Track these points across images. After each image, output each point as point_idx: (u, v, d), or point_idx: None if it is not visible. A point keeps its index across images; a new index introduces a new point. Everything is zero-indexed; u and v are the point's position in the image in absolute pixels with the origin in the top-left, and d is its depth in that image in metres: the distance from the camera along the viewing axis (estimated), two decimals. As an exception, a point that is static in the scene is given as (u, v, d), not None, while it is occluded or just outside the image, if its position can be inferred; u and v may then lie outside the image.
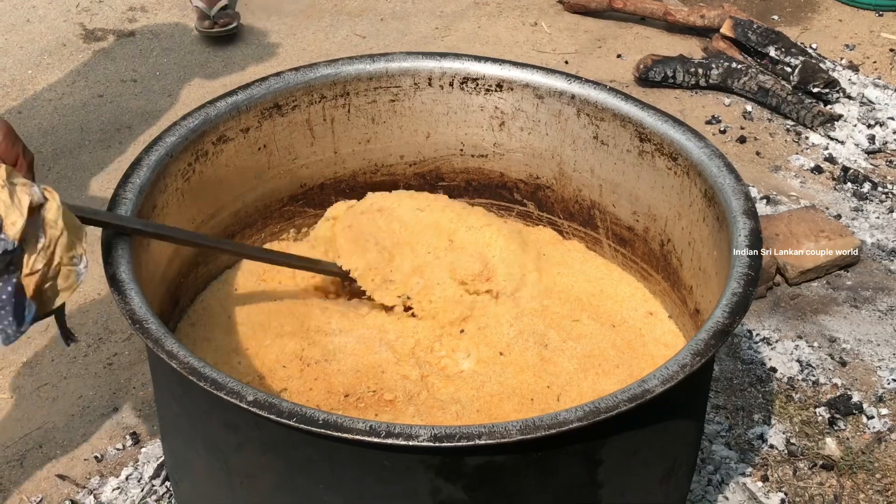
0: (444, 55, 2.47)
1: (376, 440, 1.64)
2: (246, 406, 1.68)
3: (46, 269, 1.76)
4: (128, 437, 2.85)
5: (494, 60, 2.47)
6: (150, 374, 2.11)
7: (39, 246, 1.75)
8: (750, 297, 1.85)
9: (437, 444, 1.63)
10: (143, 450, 2.81)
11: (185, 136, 2.20)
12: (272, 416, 1.66)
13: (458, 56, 2.47)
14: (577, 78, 2.40)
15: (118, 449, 2.83)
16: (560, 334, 2.24)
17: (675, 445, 1.94)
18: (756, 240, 1.96)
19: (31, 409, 2.94)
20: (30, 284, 1.74)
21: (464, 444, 1.64)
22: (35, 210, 1.74)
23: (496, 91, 2.45)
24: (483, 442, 1.64)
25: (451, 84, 2.46)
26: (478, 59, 2.47)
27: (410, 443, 1.64)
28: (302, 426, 1.65)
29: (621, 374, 2.16)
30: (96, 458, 2.80)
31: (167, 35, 4.50)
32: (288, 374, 2.15)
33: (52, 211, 1.76)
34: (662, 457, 1.92)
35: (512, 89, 2.44)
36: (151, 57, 4.27)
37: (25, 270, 1.73)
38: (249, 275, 2.41)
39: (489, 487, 1.75)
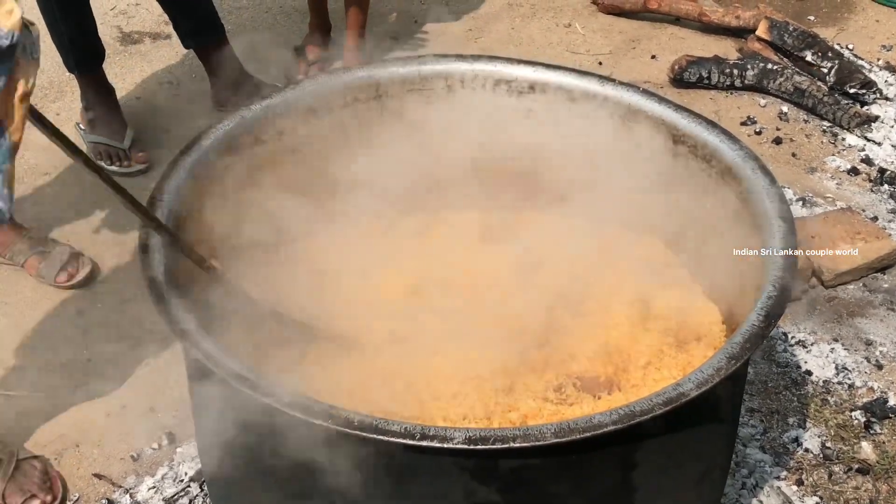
0: (476, 57, 2.48)
1: (411, 442, 1.65)
2: (281, 407, 1.69)
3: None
4: (164, 436, 2.87)
5: (527, 62, 2.47)
6: (187, 375, 2.13)
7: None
8: (785, 300, 1.85)
9: (471, 447, 1.64)
10: (178, 449, 2.84)
11: (220, 138, 2.22)
12: (307, 417, 1.68)
13: (490, 58, 2.48)
14: (610, 80, 2.40)
15: (154, 448, 2.85)
16: None
17: (710, 448, 1.94)
18: (791, 243, 1.95)
19: (68, 409, 2.96)
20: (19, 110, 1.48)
21: (498, 446, 1.64)
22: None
23: (529, 93, 2.45)
24: (517, 445, 1.64)
25: (483, 86, 2.47)
26: (510, 61, 2.47)
27: (445, 445, 1.64)
28: (338, 427, 1.66)
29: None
30: (132, 457, 2.83)
31: (203, 38, 4.53)
32: None
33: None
34: (696, 460, 1.92)
35: (545, 91, 2.44)
36: (188, 59, 4.29)
37: (20, 88, 1.47)
38: None
39: (524, 490, 1.76)
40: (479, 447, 1.64)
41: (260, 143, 2.31)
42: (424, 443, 1.64)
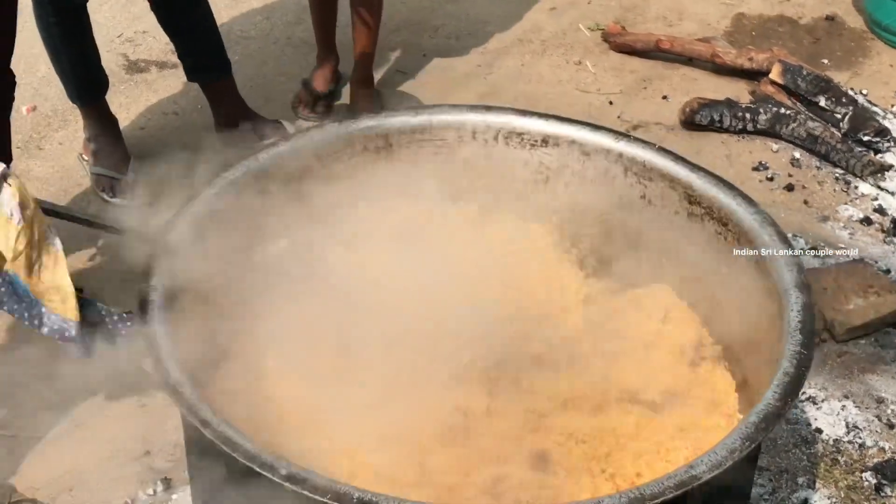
0: (488, 108, 2.44)
1: (412, 522, 1.59)
2: (279, 480, 1.64)
3: (30, 251, 1.75)
4: (159, 482, 2.81)
5: (539, 115, 2.42)
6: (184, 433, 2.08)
7: (13, 226, 1.73)
8: (803, 377, 1.80)
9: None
10: (174, 496, 2.78)
11: (224, 188, 2.17)
12: (306, 492, 1.62)
13: (502, 109, 2.43)
14: (625, 135, 2.35)
15: (149, 495, 2.79)
16: None
17: (721, 529, 1.88)
18: (809, 317, 1.90)
19: (62, 451, 2.91)
20: (20, 268, 1.73)
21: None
22: None
23: (541, 146, 2.41)
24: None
25: (495, 138, 2.42)
26: (523, 113, 2.43)
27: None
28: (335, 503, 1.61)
29: None
30: (126, 503, 2.77)
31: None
32: None
33: (18, 188, 1.76)
34: (707, 540, 1.85)
35: (558, 145, 2.39)
36: (193, 89, 4.26)
37: (8, 254, 1.71)
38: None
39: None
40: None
41: (265, 192, 2.26)
42: (426, 524, 1.59)
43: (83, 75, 3.61)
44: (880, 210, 3.92)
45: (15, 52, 3.12)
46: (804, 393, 3.13)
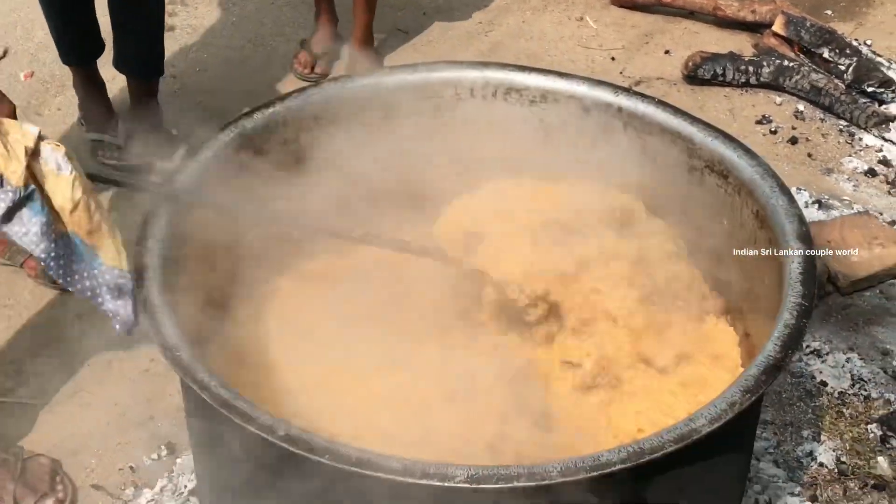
0: (486, 65, 2.41)
1: (411, 480, 1.58)
2: (277, 441, 1.63)
3: (87, 198, 1.76)
4: (163, 447, 2.81)
5: (539, 71, 2.39)
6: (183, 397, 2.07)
7: (65, 177, 1.74)
8: (803, 329, 1.78)
9: (473, 486, 1.58)
10: (178, 460, 2.78)
11: (219, 151, 2.15)
12: (304, 453, 1.62)
13: (501, 66, 2.40)
14: (625, 90, 2.32)
15: (153, 459, 2.79)
16: None
17: (722, 482, 1.88)
18: (810, 268, 1.88)
19: (66, 416, 2.91)
20: (80, 224, 1.74)
21: (501, 485, 1.58)
22: (35, 153, 1.73)
23: (541, 102, 2.38)
24: (522, 484, 1.58)
25: (494, 95, 2.39)
26: (521, 69, 2.40)
27: (446, 484, 1.58)
28: (334, 463, 1.60)
29: None
30: (131, 468, 2.77)
31: (207, 29, 4.45)
32: None
33: (59, 147, 1.76)
34: (708, 494, 1.85)
35: (557, 101, 2.36)
36: (191, 52, 4.22)
37: (68, 206, 1.76)
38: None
39: (528, 528, 1.69)
40: (481, 486, 1.57)
41: (262, 153, 2.24)
42: (424, 481, 1.58)
43: (74, 37, 3.57)
44: (885, 161, 3.89)
45: (12, 19, 3.09)
46: (808, 346, 3.11)
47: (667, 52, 4.45)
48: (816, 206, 3.65)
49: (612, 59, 4.40)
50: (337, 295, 2.29)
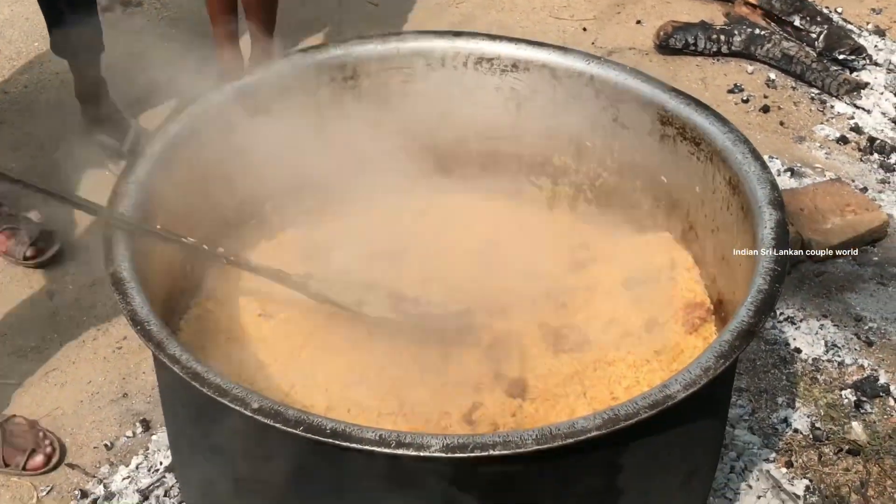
0: (457, 34, 2.39)
1: (386, 451, 1.58)
2: (251, 414, 1.62)
3: None
4: (138, 423, 2.79)
5: (510, 39, 2.38)
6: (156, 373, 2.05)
7: None
8: (776, 294, 1.78)
9: (448, 455, 1.57)
10: (153, 437, 2.76)
11: (188, 124, 2.13)
12: (277, 425, 1.60)
13: (472, 35, 2.39)
14: (596, 58, 2.31)
15: (128, 437, 2.78)
16: None
17: (697, 449, 1.88)
18: (783, 233, 1.88)
19: (39, 395, 2.89)
20: None
21: (477, 454, 1.57)
22: None
23: (512, 71, 2.36)
24: (497, 452, 1.57)
25: (464, 64, 2.38)
26: (492, 38, 2.38)
27: (421, 453, 1.58)
28: (308, 435, 1.59)
29: None
30: (106, 445, 2.76)
31: (175, 5, 4.41)
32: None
33: None
34: (683, 461, 1.85)
35: (528, 70, 2.35)
36: (159, 28, 4.18)
37: None
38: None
39: (505, 496, 1.69)
40: (456, 455, 1.57)
41: (231, 127, 2.22)
42: (400, 451, 1.57)
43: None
44: (856, 129, 3.90)
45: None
46: (782, 313, 3.12)
47: (638, 22, 4.44)
48: (789, 173, 3.66)
49: (584, 29, 4.38)
50: (311, 265, 2.27)
